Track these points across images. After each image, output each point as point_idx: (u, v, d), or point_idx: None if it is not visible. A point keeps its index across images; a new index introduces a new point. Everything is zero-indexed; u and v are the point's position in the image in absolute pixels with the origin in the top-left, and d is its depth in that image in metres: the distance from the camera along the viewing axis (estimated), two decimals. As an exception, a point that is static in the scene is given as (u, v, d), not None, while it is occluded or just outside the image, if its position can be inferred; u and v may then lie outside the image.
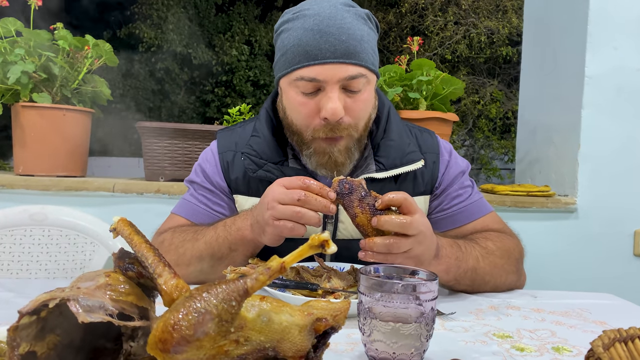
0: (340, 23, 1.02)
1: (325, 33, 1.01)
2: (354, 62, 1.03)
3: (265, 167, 1.14)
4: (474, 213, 1.23)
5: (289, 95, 1.09)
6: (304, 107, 1.06)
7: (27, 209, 1.82)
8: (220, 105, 11.59)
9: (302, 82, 1.04)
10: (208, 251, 1.07)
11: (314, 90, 1.04)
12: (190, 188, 1.28)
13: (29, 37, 1.93)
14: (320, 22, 1.02)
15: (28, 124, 1.91)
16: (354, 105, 1.06)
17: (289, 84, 1.07)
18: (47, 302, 0.54)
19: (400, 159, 1.16)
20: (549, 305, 1.06)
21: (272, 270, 0.53)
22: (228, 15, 12.29)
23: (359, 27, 1.05)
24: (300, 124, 1.09)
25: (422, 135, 1.27)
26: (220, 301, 0.51)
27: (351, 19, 1.04)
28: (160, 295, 0.58)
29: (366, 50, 1.05)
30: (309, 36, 1.02)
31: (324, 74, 1.02)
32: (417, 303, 0.69)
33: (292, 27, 1.05)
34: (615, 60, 1.99)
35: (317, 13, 1.03)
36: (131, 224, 0.68)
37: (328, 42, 1.01)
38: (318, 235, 0.55)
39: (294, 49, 1.04)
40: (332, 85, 1.02)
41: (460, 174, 1.26)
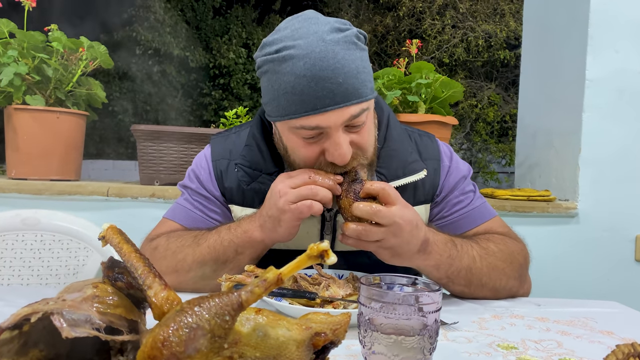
0: (333, 64, 0.91)
1: (320, 79, 0.91)
2: (355, 102, 0.95)
3: (259, 179, 1.10)
4: (477, 219, 1.20)
5: (288, 138, 1.03)
6: (307, 150, 1.01)
7: (19, 214, 1.79)
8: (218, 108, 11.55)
9: (304, 131, 0.97)
10: (211, 255, 1.05)
11: (316, 134, 0.98)
12: (184, 193, 1.24)
13: (22, 39, 1.90)
14: (312, 65, 0.91)
15: (21, 126, 1.88)
16: (360, 138, 1.01)
17: (288, 130, 1.01)
18: (29, 316, 0.51)
19: (403, 169, 1.12)
20: (554, 313, 1.03)
21: (268, 282, 0.50)
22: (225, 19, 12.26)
23: (353, 58, 0.95)
24: (304, 164, 1.03)
25: (422, 140, 1.22)
26: (213, 316, 0.48)
27: (343, 53, 0.93)
28: (150, 308, 0.55)
29: (364, 82, 0.97)
30: (303, 83, 0.91)
31: (326, 122, 0.94)
32: (420, 314, 0.66)
33: (279, 70, 0.94)
34: (617, 63, 1.97)
35: (307, 54, 0.91)
36: (121, 231, 0.65)
37: (325, 89, 0.91)
38: (317, 245, 0.52)
39: (287, 96, 0.94)
40: (336, 130, 0.96)
41: (462, 179, 1.22)
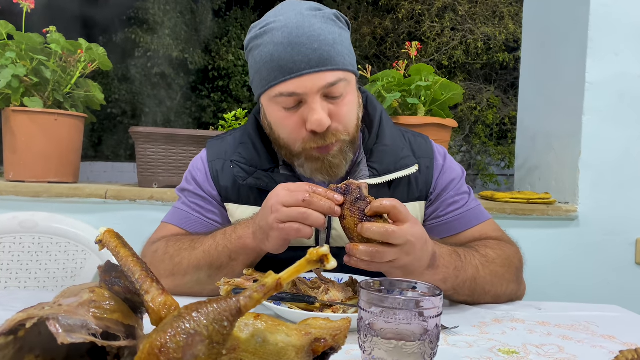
0: (309, 31, 0.99)
1: (296, 44, 0.98)
2: (331, 68, 1.00)
3: (255, 175, 1.12)
4: (472, 220, 1.20)
5: (271, 112, 1.07)
6: (289, 122, 1.04)
7: (16, 216, 1.78)
8: (217, 111, 11.53)
9: (282, 98, 1.01)
10: (206, 260, 1.03)
11: (295, 103, 1.02)
12: (181, 197, 1.25)
13: (20, 40, 1.89)
14: (289, 33, 0.98)
15: (19, 129, 1.87)
16: (339, 110, 1.04)
17: (269, 101, 1.05)
18: (24, 321, 0.50)
19: (394, 164, 1.14)
20: (555, 317, 1.02)
21: (267, 287, 0.49)
22: (225, 21, 12.25)
23: (330, 30, 1.02)
24: (288, 138, 1.07)
25: (415, 139, 1.25)
26: (212, 321, 0.47)
27: (320, 24, 1.01)
28: (147, 313, 0.54)
29: (341, 52, 1.02)
30: (280, 50, 0.99)
31: (302, 87, 0.99)
32: (420, 319, 0.65)
33: (261, 43, 1.02)
34: (617, 67, 1.96)
35: (285, 25, 1.00)
36: (118, 235, 0.64)
37: (301, 54, 0.98)
38: (317, 250, 0.51)
39: (267, 65, 1.01)
40: (313, 96, 1.00)
41: (456, 179, 1.23)
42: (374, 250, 0.85)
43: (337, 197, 0.88)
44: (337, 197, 0.88)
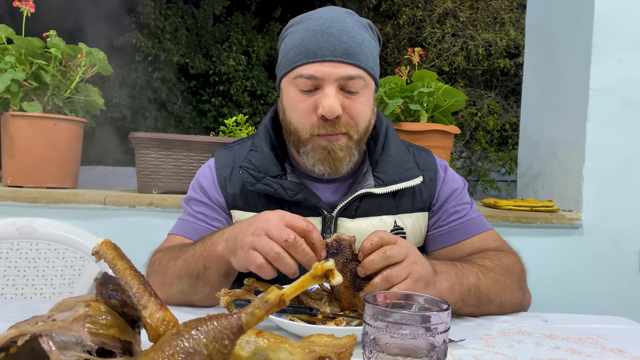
0: (341, 26, 1.05)
1: (326, 33, 1.03)
2: (353, 63, 1.04)
3: (263, 181, 1.12)
4: (472, 229, 1.20)
5: (288, 94, 1.09)
6: (302, 104, 1.06)
7: (14, 222, 1.75)
8: (217, 115, 11.54)
9: (301, 80, 1.04)
10: (185, 270, 1.00)
11: (312, 88, 1.05)
12: (187, 207, 1.24)
13: (20, 45, 1.87)
14: (322, 24, 1.05)
15: (17, 133, 1.86)
16: (352, 105, 1.06)
17: (289, 83, 1.08)
18: (16, 338, 0.48)
19: (399, 175, 1.15)
20: (562, 330, 1.00)
21: (270, 303, 0.47)
22: (226, 26, 12.27)
23: (360, 32, 1.07)
24: (298, 121, 1.08)
25: (419, 153, 1.27)
26: (212, 340, 0.45)
27: (353, 24, 1.07)
28: (145, 328, 0.52)
29: (365, 54, 1.07)
30: (311, 36, 1.04)
31: (322, 72, 1.03)
32: (427, 334, 0.63)
33: (295, 30, 1.08)
34: (621, 73, 1.94)
35: (320, 17, 1.06)
36: (115, 246, 0.62)
37: (328, 42, 1.03)
38: (321, 264, 0.49)
39: (295, 48, 1.06)
40: (330, 84, 1.03)
41: (458, 189, 1.24)
42: (387, 274, 0.83)
43: (323, 253, 0.85)
44: (322, 253, 0.85)
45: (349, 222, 1.14)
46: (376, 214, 1.15)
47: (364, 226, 1.14)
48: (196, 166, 1.94)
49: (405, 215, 1.18)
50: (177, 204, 1.85)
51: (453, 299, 0.97)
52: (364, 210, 1.15)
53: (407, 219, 1.18)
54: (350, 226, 1.14)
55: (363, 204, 1.15)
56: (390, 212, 1.16)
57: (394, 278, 0.83)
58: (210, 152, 1.93)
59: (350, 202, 1.13)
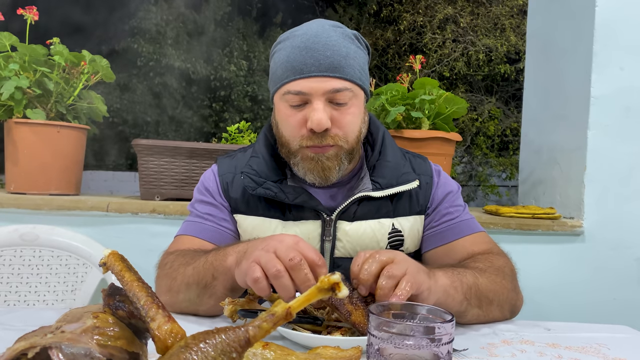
0: (325, 40, 1.07)
1: (310, 49, 1.07)
2: (338, 76, 1.07)
3: (264, 185, 1.15)
4: (464, 230, 1.22)
5: (279, 109, 1.13)
6: (292, 119, 1.10)
7: (17, 229, 1.76)
8: (218, 120, 11.55)
9: (290, 96, 1.08)
10: (195, 278, 1.00)
11: (301, 103, 1.08)
12: (193, 211, 1.25)
13: (24, 52, 1.88)
14: (307, 39, 1.08)
15: (21, 140, 1.86)
16: (341, 117, 1.09)
17: (279, 99, 1.12)
18: (26, 351, 0.49)
19: (396, 178, 1.19)
20: (565, 339, 1.00)
21: (276, 317, 0.48)
22: (227, 31, 12.30)
23: (345, 44, 1.09)
24: (288, 134, 1.12)
25: (415, 159, 1.30)
26: (219, 353, 0.46)
27: (337, 37, 1.09)
28: (153, 340, 0.53)
29: (351, 65, 1.09)
30: (296, 52, 1.07)
31: (309, 87, 1.06)
32: (432, 345, 0.64)
33: (282, 47, 1.11)
34: (622, 81, 1.95)
35: (305, 32, 1.09)
36: (123, 258, 0.62)
37: (313, 58, 1.06)
38: (328, 277, 0.49)
39: (282, 65, 1.09)
40: (317, 98, 1.06)
41: (451, 192, 1.27)
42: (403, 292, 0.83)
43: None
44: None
45: (348, 225, 1.17)
46: (374, 217, 1.18)
47: (363, 229, 1.17)
48: (198, 173, 1.94)
49: (403, 218, 1.21)
50: (180, 211, 1.86)
51: (457, 297, 0.97)
52: (362, 213, 1.17)
53: (404, 221, 1.21)
54: (349, 229, 1.17)
55: (361, 207, 1.17)
56: (388, 215, 1.19)
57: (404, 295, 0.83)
58: (213, 158, 1.94)
59: (349, 206, 1.16)
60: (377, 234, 1.18)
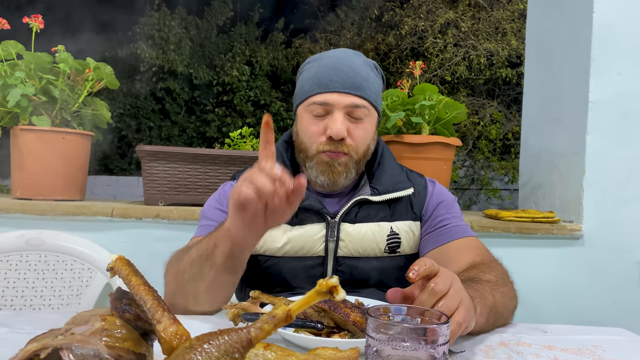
0: (350, 63, 1.24)
1: (337, 69, 1.23)
2: (358, 94, 1.22)
3: None
4: (457, 233, 1.30)
5: (302, 119, 1.27)
6: (314, 127, 1.24)
7: (23, 234, 1.79)
8: (221, 125, 11.60)
9: (314, 106, 1.23)
10: (197, 252, 1.06)
11: (323, 113, 1.23)
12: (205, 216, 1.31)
13: (29, 60, 1.92)
14: (334, 61, 1.25)
15: (26, 147, 1.89)
16: (356, 130, 1.24)
17: (304, 110, 1.26)
18: (38, 351, 0.51)
19: (393, 186, 1.32)
20: (561, 341, 1.02)
21: (277, 319, 0.50)
22: (229, 36, 12.37)
23: (366, 70, 1.26)
24: (308, 141, 1.25)
25: (411, 172, 1.43)
26: (223, 353, 0.48)
27: (359, 63, 1.26)
28: (159, 342, 0.55)
29: (370, 88, 1.25)
30: (324, 71, 1.23)
31: (332, 99, 1.21)
32: (428, 347, 0.66)
33: (311, 67, 1.28)
34: (620, 86, 1.97)
35: (332, 56, 1.27)
36: (129, 263, 0.65)
37: (338, 76, 1.22)
38: (326, 281, 0.52)
39: (310, 80, 1.25)
40: (338, 110, 1.21)
41: (445, 201, 1.36)
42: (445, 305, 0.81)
43: (302, 180, 0.84)
44: (302, 179, 0.84)
45: (350, 226, 1.28)
46: (374, 220, 1.30)
47: (364, 231, 1.28)
48: (202, 178, 1.97)
49: (400, 222, 1.31)
50: (184, 216, 1.88)
51: (481, 322, 0.97)
52: (362, 216, 1.29)
53: (401, 225, 1.31)
54: (351, 230, 1.28)
55: (362, 210, 1.29)
56: (387, 219, 1.31)
57: (447, 311, 0.81)
58: (216, 164, 1.96)
59: (350, 208, 1.28)
60: (377, 235, 1.28)
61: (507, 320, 1.12)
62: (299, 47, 12.07)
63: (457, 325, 0.80)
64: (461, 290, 0.87)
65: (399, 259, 1.31)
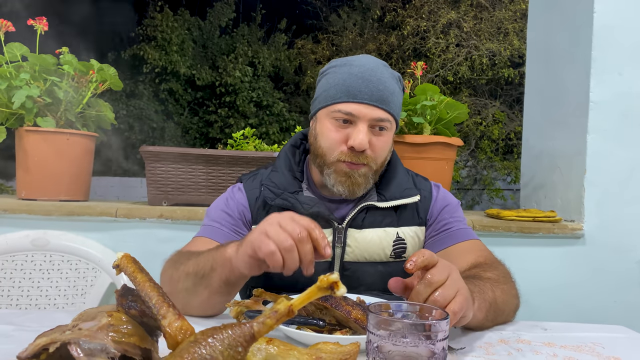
0: (379, 76, 1.23)
1: (367, 80, 1.21)
2: (384, 108, 1.22)
3: (282, 196, 1.26)
4: (460, 236, 1.32)
5: (323, 123, 1.25)
6: (335, 135, 1.22)
7: (28, 234, 1.81)
8: (224, 126, 11.62)
9: (339, 114, 1.21)
10: (194, 268, 1.05)
11: (346, 122, 1.22)
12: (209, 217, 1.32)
13: (34, 62, 1.94)
14: (364, 71, 1.22)
15: (31, 148, 1.91)
16: (377, 142, 1.23)
17: (326, 115, 1.24)
18: (47, 346, 0.53)
19: (400, 192, 1.32)
20: (560, 338, 1.03)
21: (279, 314, 0.51)
22: (232, 37, 12.40)
23: (392, 84, 1.25)
24: (327, 147, 1.23)
25: (417, 177, 1.43)
26: (226, 347, 0.49)
27: (388, 76, 1.25)
28: (164, 337, 0.56)
29: (394, 102, 1.25)
30: (353, 80, 1.21)
31: (358, 111, 1.20)
32: (428, 342, 0.67)
33: (338, 71, 1.25)
34: (620, 86, 1.98)
35: (363, 64, 1.24)
36: (135, 260, 0.66)
37: (367, 87, 1.20)
38: (327, 277, 0.53)
39: (337, 87, 1.22)
40: (363, 122, 1.20)
41: (449, 205, 1.38)
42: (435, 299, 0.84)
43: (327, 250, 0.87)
44: (327, 250, 0.87)
45: (357, 232, 1.28)
46: (380, 225, 1.30)
47: (370, 236, 1.28)
48: (205, 179, 1.99)
49: (406, 228, 1.32)
50: (187, 216, 1.90)
51: (480, 317, 1.00)
52: (369, 222, 1.29)
53: (407, 231, 1.32)
54: (357, 236, 1.28)
55: (369, 216, 1.29)
56: (393, 225, 1.31)
57: (443, 300, 0.84)
58: (219, 164, 1.98)
59: (357, 214, 1.28)
60: (383, 241, 1.29)
61: (507, 317, 1.14)
62: (301, 47, 12.10)
63: (453, 314, 0.82)
64: (459, 280, 0.89)
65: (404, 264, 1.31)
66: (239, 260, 0.95)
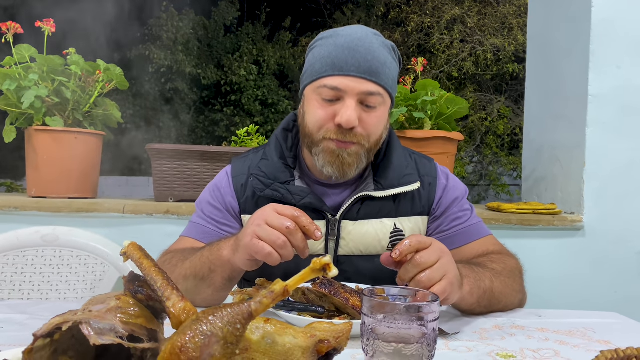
0: (368, 45, 1.12)
1: (353, 50, 1.11)
2: (374, 81, 1.11)
3: (272, 187, 1.20)
4: (473, 234, 1.27)
5: (310, 100, 1.17)
6: (322, 111, 1.13)
7: (39, 230, 1.86)
8: (229, 125, 11.68)
9: (325, 90, 1.12)
10: (192, 271, 1.08)
11: (334, 98, 1.12)
12: (198, 211, 1.32)
13: (42, 63, 1.98)
14: (350, 41, 1.12)
15: (41, 147, 1.96)
16: (368, 119, 1.13)
17: (313, 91, 1.16)
18: (60, 325, 0.57)
19: (398, 180, 1.23)
20: (553, 324, 1.06)
21: (275, 293, 0.55)
22: (236, 36, 12.44)
23: (384, 53, 1.14)
24: (314, 125, 1.15)
25: (421, 160, 1.33)
26: (226, 324, 0.53)
27: (378, 45, 1.14)
28: (168, 317, 0.60)
29: (386, 74, 1.14)
30: (339, 51, 1.11)
31: (345, 85, 1.10)
32: (419, 324, 0.70)
33: (324, 44, 1.15)
34: (619, 79, 2.00)
35: (349, 34, 1.14)
36: (141, 248, 0.70)
37: (354, 58, 1.10)
38: (320, 259, 0.57)
39: (323, 60, 1.13)
40: (351, 97, 1.11)
41: (459, 197, 1.31)
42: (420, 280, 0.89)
43: (317, 233, 0.92)
44: (317, 233, 0.92)
45: (352, 224, 1.22)
46: (377, 216, 1.23)
47: (365, 229, 1.22)
48: (210, 175, 2.02)
49: (405, 218, 1.25)
50: (192, 212, 1.93)
51: (471, 301, 1.04)
52: (365, 213, 1.22)
53: (406, 222, 1.25)
54: (352, 229, 1.22)
55: (364, 207, 1.22)
56: (390, 215, 1.24)
57: (428, 281, 0.89)
58: (223, 161, 2.02)
59: (352, 205, 1.21)
60: (380, 233, 1.22)
61: (505, 308, 1.16)
62: (306, 45, 12.11)
63: None
64: (448, 264, 0.92)
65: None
66: (239, 262, 0.99)
